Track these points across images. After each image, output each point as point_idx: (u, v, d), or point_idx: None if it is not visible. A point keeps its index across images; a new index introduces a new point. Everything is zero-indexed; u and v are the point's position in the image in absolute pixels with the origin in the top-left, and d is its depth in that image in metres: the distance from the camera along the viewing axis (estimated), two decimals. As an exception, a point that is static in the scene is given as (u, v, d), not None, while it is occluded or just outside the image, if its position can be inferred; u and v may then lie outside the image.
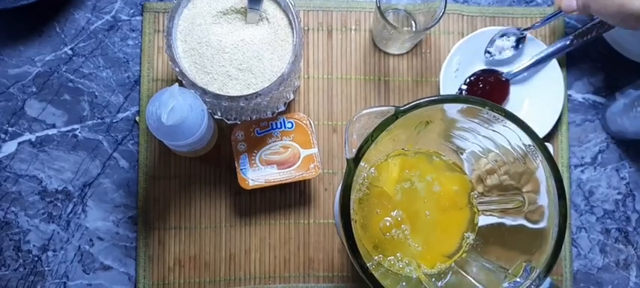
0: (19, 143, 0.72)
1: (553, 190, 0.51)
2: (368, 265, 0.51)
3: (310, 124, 0.69)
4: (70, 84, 0.73)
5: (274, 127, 0.68)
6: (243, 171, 0.67)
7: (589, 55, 0.76)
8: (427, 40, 0.75)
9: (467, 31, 0.75)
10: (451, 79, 0.72)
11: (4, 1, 0.69)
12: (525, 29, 0.72)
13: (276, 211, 0.72)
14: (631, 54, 0.74)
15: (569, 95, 0.75)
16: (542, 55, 0.72)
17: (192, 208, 0.71)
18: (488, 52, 0.73)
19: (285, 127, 0.69)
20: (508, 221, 0.60)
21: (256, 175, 0.67)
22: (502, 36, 0.72)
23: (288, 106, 0.72)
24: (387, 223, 0.62)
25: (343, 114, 0.74)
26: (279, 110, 0.71)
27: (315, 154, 0.68)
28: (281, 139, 0.68)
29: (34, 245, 0.70)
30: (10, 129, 0.72)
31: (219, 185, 0.72)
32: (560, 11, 0.69)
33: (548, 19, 0.71)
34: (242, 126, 0.68)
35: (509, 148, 0.56)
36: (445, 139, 0.63)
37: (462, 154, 0.64)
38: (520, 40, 0.72)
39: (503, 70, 0.73)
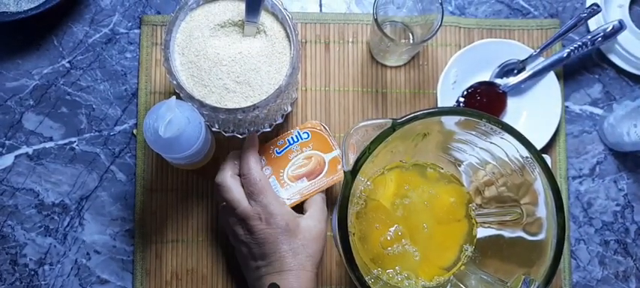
0: (16, 156, 0.71)
1: (551, 202, 0.51)
2: (366, 278, 0.51)
3: (325, 128, 0.69)
4: (68, 97, 0.72)
5: (291, 141, 0.68)
6: (277, 193, 0.66)
7: (586, 67, 0.76)
8: (424, 52, 0.75)
9: (464, 43, 0.75)
10: (449, 92, 0.73)
11: (2, 15, 0.69)
12: (523, 61, 0.73)
13: (274, 224, 0.71)
14: (628, 65, 0.75)
15: (567, 107, 0.75)
16: (540, 67, 0.72)
17: (190, 221, 0.71)
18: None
19: (301, 139, 0.68)
20: (506, 233, 0.60)
21: (290, 193, 0.66)
22: (505, 73, 0.73)
23: (286, 119, 0.72)
24: (389, 238, 0.61)
25: (341, 126, 0.74)
26: (277, 122, 0.71)
27: (338, 155, 0.68)
28: (302, 152, 0.68)
29: (30, 259, 0.70)
30: (7, 142, 0.71)
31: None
32: (556, 38, 0.72)
33: (545, 46, 0.73)
34: (260, 151, 0.68)
35: (506, 160, 0.56)
36: (443, 151, 0.63)
37: (459, 166, 0.64)
38: (521, 70, 0.74)
39: (501, 82, 0.74)
